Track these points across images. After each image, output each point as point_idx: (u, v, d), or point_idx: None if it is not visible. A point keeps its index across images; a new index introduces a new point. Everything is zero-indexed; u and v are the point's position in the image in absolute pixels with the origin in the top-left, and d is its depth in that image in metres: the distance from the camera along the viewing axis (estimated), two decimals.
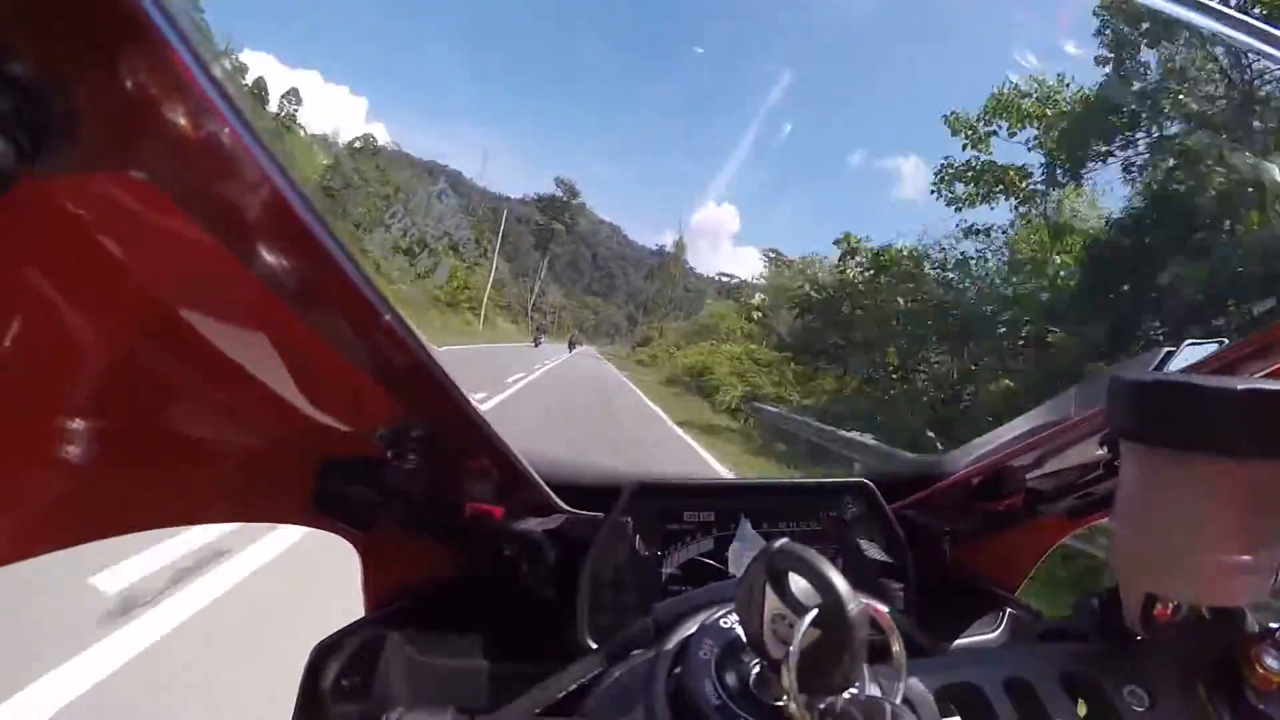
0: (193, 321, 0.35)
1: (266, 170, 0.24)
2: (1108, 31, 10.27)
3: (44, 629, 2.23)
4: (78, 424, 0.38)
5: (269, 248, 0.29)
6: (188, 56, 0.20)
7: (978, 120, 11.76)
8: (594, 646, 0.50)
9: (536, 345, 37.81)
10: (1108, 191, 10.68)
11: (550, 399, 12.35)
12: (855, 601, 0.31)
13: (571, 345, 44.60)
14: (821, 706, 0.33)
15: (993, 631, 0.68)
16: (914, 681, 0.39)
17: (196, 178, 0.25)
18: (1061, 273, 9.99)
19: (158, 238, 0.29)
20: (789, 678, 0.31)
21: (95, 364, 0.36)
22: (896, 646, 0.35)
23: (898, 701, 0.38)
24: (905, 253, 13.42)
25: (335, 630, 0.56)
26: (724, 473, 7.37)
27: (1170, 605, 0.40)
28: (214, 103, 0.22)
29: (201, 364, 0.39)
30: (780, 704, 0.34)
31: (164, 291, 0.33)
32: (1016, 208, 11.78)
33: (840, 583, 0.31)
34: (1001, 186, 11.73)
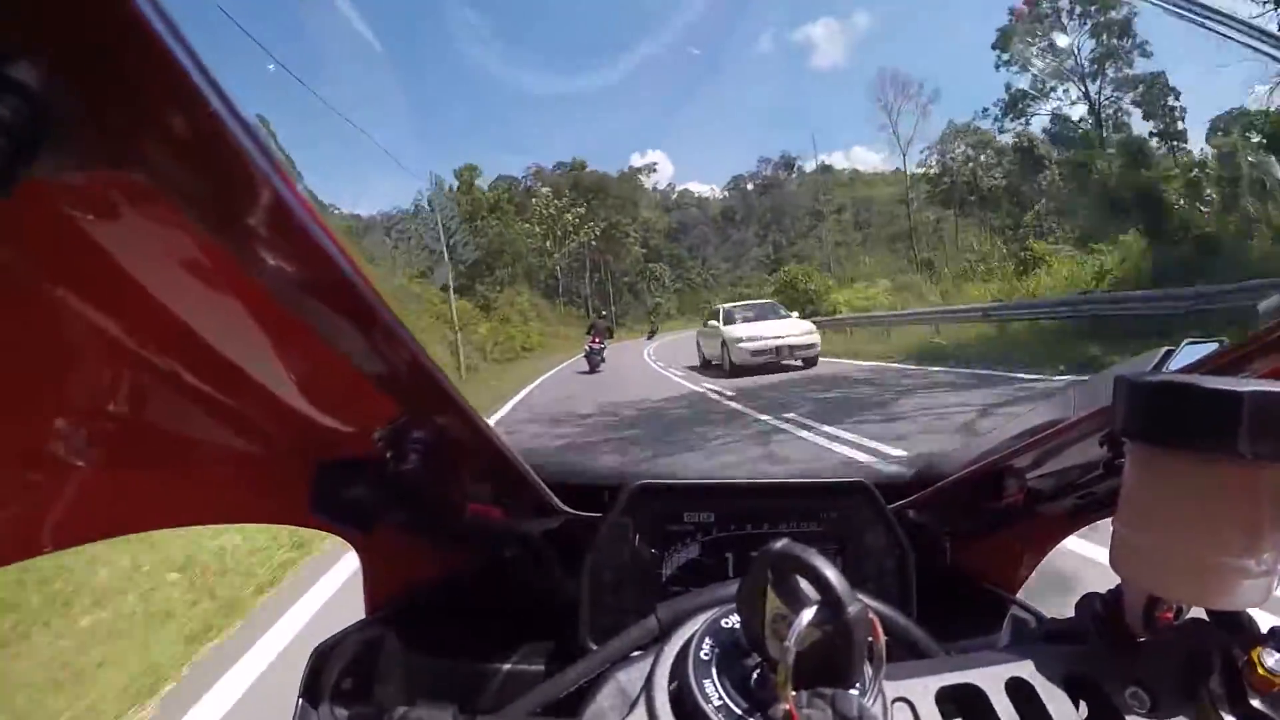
0: (192, 323, 0.35)
1: (266, 172, 0.24)
2: None
3: None
4: (76, 426, 0.38)
5: (268, 249, 0.29)
6: (187, 58, 0.20)
7: None
8: (594, 647, 0.50)
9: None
10: None
11: None
12: (855, 602, 0.31)
13: (592, 356, 15.10)
14: (822, 707, 0.33)
15: (993, 632, 0.68)
16: (914, 682, 0.39)
17: (196, 179, 0.25)
18: None
19: (157, 239, 0.29)
20: (788, 677, 0.31)
21: (94, 366, 0.36)
22: (893, 649, 0.35)
23: (898, 702, 0.38)
24: None
25: (335, 631, 0.57)
26: None
27: (1172, 607, 0.39)
28: (213, 104, 0.22)
29: (201, 365, 0.39)
30: (781, 704, 0.34)
31: (164, 294, 0.33)
32: None
33: (840, 583, 0.31)
34: None
